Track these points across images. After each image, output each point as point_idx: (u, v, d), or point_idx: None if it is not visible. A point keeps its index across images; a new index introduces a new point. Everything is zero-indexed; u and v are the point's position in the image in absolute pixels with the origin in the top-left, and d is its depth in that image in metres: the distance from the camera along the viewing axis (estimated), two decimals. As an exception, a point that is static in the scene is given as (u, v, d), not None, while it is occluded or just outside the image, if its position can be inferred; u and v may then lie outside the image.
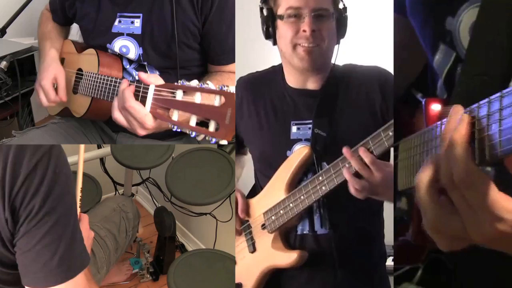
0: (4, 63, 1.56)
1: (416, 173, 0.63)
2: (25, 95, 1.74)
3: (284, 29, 1.10)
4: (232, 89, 0.87)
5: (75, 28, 1.56)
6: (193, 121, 0.90)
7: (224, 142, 0.89)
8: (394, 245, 0.88)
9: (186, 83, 0.92)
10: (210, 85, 0.89)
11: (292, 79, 1.18)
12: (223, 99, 0.87)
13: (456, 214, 0.58)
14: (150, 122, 0.96)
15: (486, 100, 0.55)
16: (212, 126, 0.88)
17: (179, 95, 0.92)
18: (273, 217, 1.16)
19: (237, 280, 1.23)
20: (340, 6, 1.13)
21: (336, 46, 1.14)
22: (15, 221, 0.76)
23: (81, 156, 1.19)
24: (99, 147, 1.93)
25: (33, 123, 1.92)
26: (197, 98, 0.90)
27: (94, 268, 1.46)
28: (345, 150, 0.99)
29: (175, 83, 0.93)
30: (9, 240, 0.78)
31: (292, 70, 1.16)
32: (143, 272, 2.08)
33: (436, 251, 0.85)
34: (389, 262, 1.52)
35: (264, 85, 1.23)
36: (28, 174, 0.75)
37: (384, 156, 0.99)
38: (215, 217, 1.83)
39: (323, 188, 1.06)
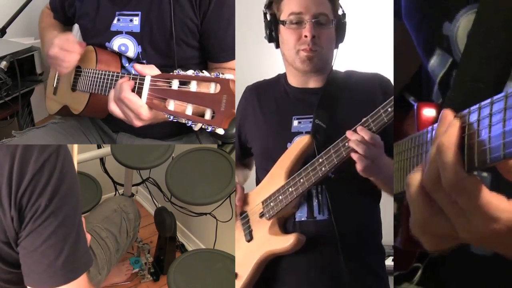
0: (4, 63, 1.56)
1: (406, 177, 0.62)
2: (25, 95, 1.74)
3: (286, 35, 1.17)
4: (228, 76, 0.87)
5: (75, 29, 1.56)
6: (189, 110, 0.90)
7: (220, 131, 0.88)
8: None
9: (182, 72, 0.91)
10: (205, 73, 0.89)
11: (294, 80, 1.24)
12: (218, 86, 0.88)
13: (443, 214, 0.57)
14: (145, 113, 0.96)
15: (477, 105, 0.54)
16: (208, 114, 0.88)
17: (175, 84, 0.92)
18: (271, 204, 1.17)
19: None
20: (340, 12, 1.18)
21: (335, 50, 1.21)
22: (21, 220, 0.76)
23: (74, 157, 1.19)
24: (99, 147, 1.93)
25: (33, 123, 1.91)
26: (193, 86, 0.90)
27: (95, 269, 1.45)
28: (348, 131, 1.03)
29: (171, 73, 0.93)
30: (14, 239, 0.78)
31: (294, 71, 1.22)
32: (143, 272, 2.08)
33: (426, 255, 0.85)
34: (389, 262, 1.52)
35: (269, 89, 1.29)
36: (35, 173, 0.75)
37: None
38: (215, 217, 1.83)
39: (323, 169, 1.07)
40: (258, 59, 1.38)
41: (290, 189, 1.13)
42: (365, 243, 1.19)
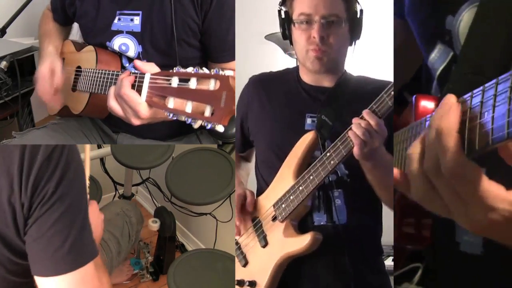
0: (4, 63, 1.56)
1: (405, 168, 0.61)
2: (25, 95, 1.74)
3: (297, 35, 1.17)
4: (228, 72, 0.87)
5: (75, 29, 1.56)
6: (188, 108, 0.89)
7: (220, 128, 0.87)
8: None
9: (182, 69, 0.91)
10: (205, 70, 0.89)
11: (308, 78, 1.24)
12: (218, 82, 0.87)
13: (442, 200, 0.57)
14: (144, 111, 0.95)
15: (480, 88, 0.52)
16: (207, 111, 0.87)
17: (175, 82, 0.92)
18: (283, 205, 1.15)
19: (250, 278, 1.18)
20: (357, 8, 1.17)
21: (350, 47, 1.20)
22: (30, 207, 0.77)
23: (87, 156, 1.23)
24: (99, 147, 1.93)
25: (33, 123, 1.92)
26: (192, 83, 0.89)
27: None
28: (355, 118, 1.02)
29: (170, 70, 0.93)
30: (23, 226, 0.78)
31: (307, 70, 1.22)
32: (143, 272, 2.08)
33: (418, 252, 0.86)
34: (389, 262, 1.53)
35: (278, 81, 1.28)
36: (45, 159, 0.76)
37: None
38: (215, 217, 1.84)
39: (331, 162, 1.06)
40: (258, 59, 1.37)
41: (300, 188, 1.11)
42: (372, 243, 1.21)
